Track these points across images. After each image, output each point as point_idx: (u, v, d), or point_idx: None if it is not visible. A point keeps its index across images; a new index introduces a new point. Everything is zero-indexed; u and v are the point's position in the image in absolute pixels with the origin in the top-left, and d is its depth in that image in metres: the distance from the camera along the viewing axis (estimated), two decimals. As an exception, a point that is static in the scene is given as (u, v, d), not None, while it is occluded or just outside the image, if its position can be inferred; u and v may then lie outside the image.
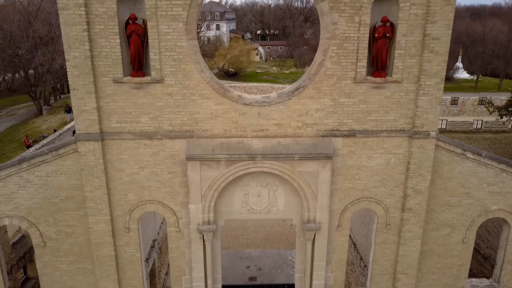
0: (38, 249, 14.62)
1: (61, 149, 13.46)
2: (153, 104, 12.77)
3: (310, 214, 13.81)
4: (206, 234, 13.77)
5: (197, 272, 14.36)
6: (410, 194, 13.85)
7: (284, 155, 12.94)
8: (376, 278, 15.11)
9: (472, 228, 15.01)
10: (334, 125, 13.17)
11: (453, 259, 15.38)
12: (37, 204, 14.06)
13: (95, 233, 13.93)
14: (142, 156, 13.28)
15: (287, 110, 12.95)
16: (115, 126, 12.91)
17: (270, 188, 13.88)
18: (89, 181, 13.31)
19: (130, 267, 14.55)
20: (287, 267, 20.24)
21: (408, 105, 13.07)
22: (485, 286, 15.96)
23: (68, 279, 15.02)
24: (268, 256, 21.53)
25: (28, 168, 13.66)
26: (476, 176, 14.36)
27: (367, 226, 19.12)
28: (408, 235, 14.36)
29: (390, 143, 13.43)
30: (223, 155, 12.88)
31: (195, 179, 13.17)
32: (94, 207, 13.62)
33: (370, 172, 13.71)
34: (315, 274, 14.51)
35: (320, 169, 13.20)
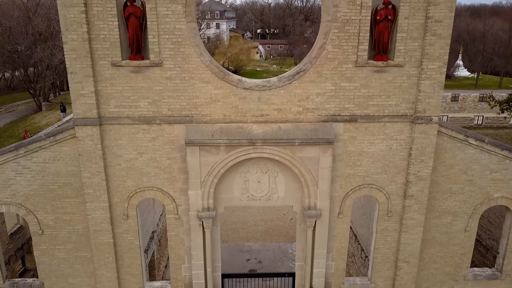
0: (36, 237, 14.45)
1: (58, 134, 13.29)
2: (151, 88, 12.60)
3: (310, 201, 13.64)
4: (206, 221, 13.60)
5: (196, 260, 14.19)
6: (412, 181, 13.68)
7: (285, 140, 12.77)
8: (378, 267, 14.94)
9: (474, 216, 14.84)
10: (335, 110, 13.00)
11: (455, 248, 15.21)
12: (34, 191, 13.89)
13: (93, 220, 13.76)
14: (141, 142, 13.11)
15: (287, 95, 12.78)
16: (113, 110, 12.75)
17: (271, 175, 13.71)
18: (87, 166, 13.15)
19: (129, 255, 14.38)
20: (287, 260, 20.07)
21: (410, 90, 12.90)
22: (487, 275, 15.80)
23: (66, 268, 14.85)
24: (268, 249, 21.36)
25: (26, 154, 13.49)
26: (478, 163, 14.19)
27: (368, 217, 18.98)
28: (410, 223, 14.19)
29: (391, 128, 13.26)
30: (223, 140, 12.71)
31: (194, 165, 13.01)
32: (92, 194, 13.45)
33: (372, 158, 13.54)
34: (316, 262, 14.34)
35: (321, 155, 13.04)
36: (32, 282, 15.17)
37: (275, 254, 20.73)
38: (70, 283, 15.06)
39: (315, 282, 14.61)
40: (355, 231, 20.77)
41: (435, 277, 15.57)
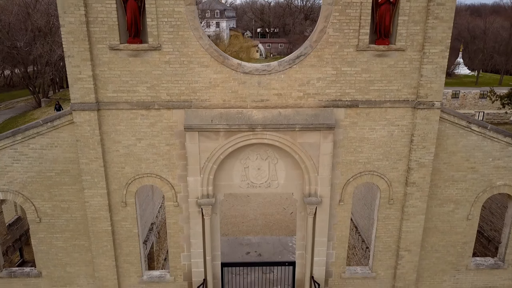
0: (33, 225, 14.29)
1: (56, 120, 13.13)
2: (150, 73, 12.44)
3: (311, 188, 13.48)
4: (205, 207, 13.44)
5: (195, 248, 14.03)
6: (414, 168, 13.53)
7: (285, 125, 12.61)
8: (379, 256, 14.78)
9: (476, 204, 14.68)
10: (336, 95, 12.84)
11: (457, 237, 15.05)
12: (32, 178, 13.73)
13: (91, 207, 13.60)
14: (139, 127, 12.95)
15: (288, 79, 12.62)
16: (111, 95, 12.59)
17: (271, 161, 13.55)
18: (85, 152, 12.99)
19: (127, 243, 14.22)
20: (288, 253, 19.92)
21: (412, 74, 12.74)
22: (489, 264, 15.63)
23: (64, 256, 14.69)
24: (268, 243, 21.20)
25: (23, 141, 13.33)
26: (481, 150, 14.03)
27: (369, 207, 18.84)
28: (412, 210, 14.03)
29: (393, 114, 13.10)
30: (222, 125, 12.55)
31: (193, 151, 12.85)
32: (90, 180, 13.29)
33: (373, 144, 13.38)
34: (317, 250, 14.18)
35: (321, 141, 12.88)
36: (29, 271, 15.02)
37: (275, 247, 20.58)
38: (68, 272, 14.90)
39: (316, 271, 14.45)
40: (356, 223, 20.62)
41: (436, 266, 15.41)
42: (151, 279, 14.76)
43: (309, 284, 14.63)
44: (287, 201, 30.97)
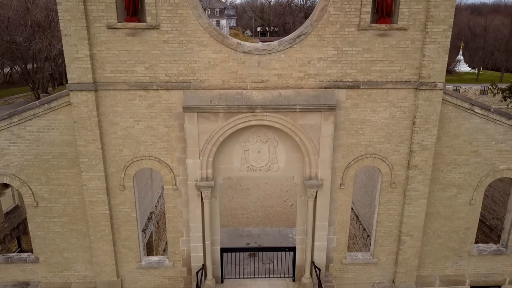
0: (30, 210, 14.11)
1: (53, 102, 12.95)
2: (148, 53, 12.25)
3: (311, 171, 13.29)
4: (205, 190, 13.25)
5: (194, 232, 13.84)
6: (416, 150, 13.33)
7: (285, 106, 12.42)
8: (380, 241, 14.59)
9: (479, 189, 14.48)
10: (338, 76, 12.65)
11: (459, 222, 14.86)
12: (28, 161, 13.55)
13: (88, 191, 13.41)
14: (138, 109, 12.76)
15: (288, 59, 12.43)
16: (109, 76, 12.40)
17: (271, 144, 13.36)
18: (82, 134, 12.80)
19: (126, 228, 14.03)
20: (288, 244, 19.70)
21: (414, 55, 12.54)
22: (492, 250, 15.44)
23: (61, 242, 14.51)
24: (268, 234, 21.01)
25: (19, 123, 13.15)
26: (484, 133, 13.84)
27: (370, 195, 18.64)
28: (414, 194, 13.83)
29: (395, 95, 12.91)
30: (222, 106, 12.36)
31: (192, 132, 12.66)
32: (87, 163, 13.10)
33: (375, 126, 13.19)
34: (317, 234, 13.99)
35: (322, 122, 12.69)
36: (26, 257, 14.82)
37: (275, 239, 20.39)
38: (66, 257, 14.71)
39: (316, 256, 14.26)
40: (357, 212, 20.44)
41: (439, 252, 15.21)
42: (150, 265, 14.57)
43: (309, 269, 14.44)
44: (287, 193, 30.79)
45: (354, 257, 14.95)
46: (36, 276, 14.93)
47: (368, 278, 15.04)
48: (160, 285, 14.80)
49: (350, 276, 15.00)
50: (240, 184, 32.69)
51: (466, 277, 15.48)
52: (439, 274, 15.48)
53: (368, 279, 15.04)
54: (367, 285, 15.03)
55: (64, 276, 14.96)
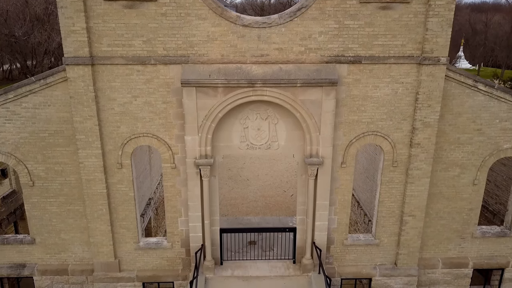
0: (26, 189, 13.88)
1: (49, 77, 12.72)
2: (146, 26, 12.01)
3: (312, 148, 13.05)
4: (204, 168, 13.02)
5: (193, 212, 13.60)
6: (419, 128, 13.10)
7: (286, 80, 12.18)
8: (382, 222, 14.35)
9: (483, 169, 14.25)
10: (339, 50, 12.41)
11: (462, 203, 14.62)
12: (24, 139, 13.32)
13: (85, 169, 13.18)
14: (135, 84, 12.53)
15: (289, 33, 12.19)
16: (106, 50, 12.16)
17: (271, 121, 13.13)
18: (79, 110, 12.57)
19: (123, 207, 13.80)
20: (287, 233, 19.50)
21: (417, 29, 12.30)
22: (495, 232, 15.21)
23: (58, 222, 14.27)
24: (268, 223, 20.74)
25: (15, 99, 12.92)
26: (487, 111, 13.61)
27: (371, 180, 18.40)
28: (416, 173, 13.60)
29: (397, 70, 12.67)
30: (221, 80, 12.12)
31: (191, 108, 12.42)
32: (84, 140, 12.87)
33: (377, 103, 12.96)
34: (318, 214, 13.75)
35: (323, 97, 12.45)
36: (23, 238, 14.59)
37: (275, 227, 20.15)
38: (63, 239, 14.48)
39: (317, 236, 14.02)
40: (358, 198, 20.19)
41: (441, 234, 14.98)
42: (148, 246, 14.34)
43: (310, 250, 14.20)
44: (288, 184, 30.57)
45: (356, 238, 14.72)
46: (32, 257, 14.70)
47: (369, 260, 14.81)
48: (159, 266, 14.57)
49: (351, 258, 14.77)
50: (240, 175, 32.45)
51: (469, 259, 15.25)
52: (442, 257, 15.25)
53: (369, 260, 14.80)
54: (368, 267, 14.79)
55: (61, 258, 14.73)
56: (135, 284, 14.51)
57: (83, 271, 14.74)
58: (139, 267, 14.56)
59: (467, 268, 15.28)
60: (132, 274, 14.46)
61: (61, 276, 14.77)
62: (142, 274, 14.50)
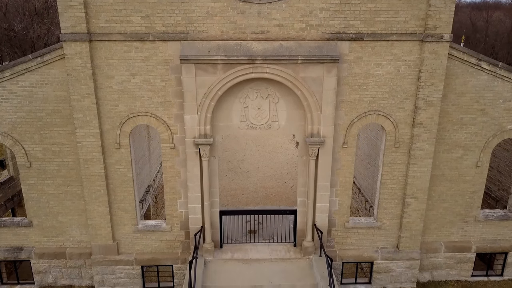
0: (23, 170, 13.69)
1: (46, 55, 12.53)
2: (144, 1, 11.80)
3: (313, 127, 12.86)
4: (203, 148, 12.82)
5: (193, 193, 13.41)
6: (421, 107, 12.90)
7: (287, 57, 11.98)
8: (384, 204, 14.16)
9: (486, 150, 14.05)
10: (340, 27, 12.20)
11: (465, 185, 14.42)
12: (21, 118, 13.13)
13: (83, 148, 12.98)
14: (133, 61, 12.33)
15: (289, 9, 11.98)
16: (103, 26, 11.95)
17: (271, 100, 12.94)
18: (76, 88, 12.37)
19: (122, 189, 13.60)
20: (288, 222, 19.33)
21: (420, 5, 12.09)
22: (499, 215, 15.02)
23: (55, 205, 14.08)
24: None
25: (11, 77, 12.73)
26: (491, 91, 13.41)
27: (372, 165, 18.20)
28: (419, 154, 13.40)
29: (400, 48, 12.47)
30: (220, 56, 11.93)
31: (190, 85, 12.23)
32: (82, 119, 12.67)
33: (379, 81, 12.76)
34: (319, 195, 13.56)
35: (325, 75, 12.25)
36: (20, 220, 14.40)
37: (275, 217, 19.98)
38: (60, 221, 14.29)
39: (318, 218, 13.83)
40: (359, 185, 19.99)
41: (444, 217, 14.78)
42: (147, 228, 14.14)
43: (311, 233, 14.01)
44: (288, 175, 30.35)
45: (357, 221, 14.53)
46: (29, 241, 14.52)
47: (371, 243, 14.61)
48: (157, 249, 14.38)
49: (352, 241, 14.58)
50: (240, 167, 32.24)
51: (472, 243, 15.05)
52: (444, 240, 15.05)
53: (371, 244, 14.61)
54: (370, 250, 14.60)
55: (58, 241, 14.55)
56: (134, 267, 14.32)
57: (81, 254, 14.55)
58: (137, 250, 14.37)
59: (470, 252, 15.08)
60: (131, 257, 14.27)
61: (59, 259, 14.59)
62: (141, 257, 14.31)
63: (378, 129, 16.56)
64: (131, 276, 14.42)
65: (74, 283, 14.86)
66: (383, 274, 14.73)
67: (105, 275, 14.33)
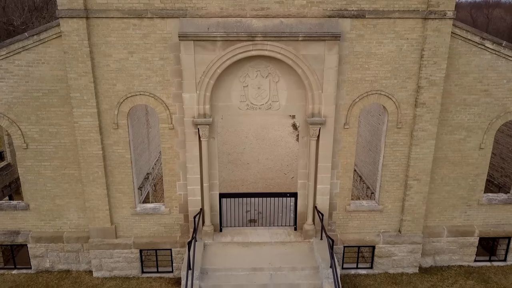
0: (20, 152, 13.48)
1: (42, 33, 12.32)
2: (142, -23, 11.62)
3: (314, 107, 12.65)
4: (202, 128, 12.62)
5: (192, 174, 13.21)
6: (424, 86, 12.70)
7: (287, 34, 11.78)
8: (386, 186, 13.95)
9: (490, 132, 13.84)
10: (342, 4, 12.00)
11: (468, 168, 14.21)
12: (17, 98, 12.93)
13: (80, 129, 12.78)
14: (131, 39, 12.12)
15: (290, -15, 11.79)
16: (101, 2, 11.75)
17: (272, 79, 12.73)
18: (73, 66, 12.17)
19: (120, 170, 13.39)
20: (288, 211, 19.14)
21: (423, -19, 11.90)
22: (502, 199, 14.81)
23: (52, 187, 13.88)
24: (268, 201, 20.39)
25: (7, 56, 12.52)
26: (495, 71, 13.20)
27: (374, 151, 17.98)
28: (421, 135, 13.20)
29: (402, 26, 12.26)
30: (220, 33, 11.72)
31: (188, 63, 12.03)
32: (79, 98, 12.47)
33: (380, 60, 12.55)
34: (320, 177, 13.35)
35: (326, 53, 12.05)
36: (16, 204, 14.20)
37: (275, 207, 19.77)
38: (57, 204, 14.09)
39: (319, 201, 13.63)
40: (360, 172, 19.77)
41: (447, 201, 14.58)
42: (145, 211, 13.94)
43: (312, 215, 13.81)
44: (288, 167, 30.15)
45: (359, 204, 14.32)
46: (26, 224, 14.32)
47: (373, 227, 14.41)
48: (156, 233, 14.18)
49: (354, 225, 14.38)
50: (240, 159, 32.04)
51: (475, 227, 14.85)
52: (447, 225, 14.85)
53: (373, 227, 14.41)
54: (372, 234, 14.40)
55: (55, 225, 14.34)
56: (132, 251, 14.12)
57: (78, 238, 14.35)
58: (136, 234, 14.17)
59: (473, 236, 14.88)
60: (129, 240, 14.07)
61: (56, 243, 14.39)
62: (139, 241, 14.11)
63: (379, 113, 16.36)
64: (129, 260, 14.22)
65: (71, 267, 14.65)
66: (384, 258, 14.53)
67: (103, 259, 14.13)
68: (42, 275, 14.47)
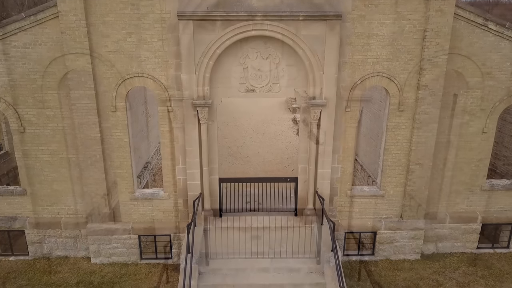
0: (17, 135, 13.30)
1: (39, 13, 12.15)
2: (141, -45, 11.45)
3: (315, 89, 12.48)
4: (201, 110, 12.45)
5: (191, 158, 13.03)
6: (426, 68, 12.52)
7: (288, 13, 11.61)
8: (388, 171, 13.77)
9: (492, 116, 13.66)
10: (343, -17, 11.83)
11: (471, 153, 14.03)
12: (14, 81, 12.74)
13: (78, 111, 12.60)
14: (130, 19, 11.95)
15: (290, -36, 11.61)
16: (99, -19, 11.59)
17: (272, 61, 12.56)
18: (71, 47, 11.99)
19: (118, 154, 13.22)
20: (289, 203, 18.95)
21: (425, -40, 11.74)
22: (505, 185, 14.63)
23: (50, 172, 13.69)
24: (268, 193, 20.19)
25: (4, 37, 12.33)
26: (498, 53, 13.03)
27: (375, 139, 17.81)
28: (424, 118, 13.02)
29: (404, 6, 12.09)
30: (219, 12, 11.55)
31: (187, 43, 11.85)
32: (76, 79, 12.29)
33: (382, 41, 12.38)
34: (321, 161, 13.18)
35: (327, 32, 11.88)
36: (13, 189, 14.01)
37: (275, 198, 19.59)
38: (55, 189, 13.90)
39: (320, 184, 13.46)
40: (361, 162, 19.60)
41: (449, 186, 14.40)
42: (144, 196, 13.77)
43: (312, 200, 13.64)
44: (288, 160, 29.96)
45: (360, 189, 14.15)
46: (23, 210, 14.13)
47: (374, 213, 14.23)
48: (155, 218, 14.00)
49: (355, 211, 14.20)
50: (240, 152, 31.85)
51: (477, 213, 14.67)
52: (450, 211, 14.67)
53: (374, 213, 14.23)
54: (373, 220, 14.22)
55: (53, 211, 14.16)
56: (131, 236, 13.95)
57: (76, 224, 14.17)
58: (134, 219, 13.99)
59: (476, 222, 14.70)
60: (128, 226, 13.90)
61: (54, 229, 14.21)
62: (138, 226, 13.94)
63: (381, 100, 16.19)
64: (128, 246, 14.04)
65: (69, 254, 14.48)
66: (386, 244, 14.35)
67: (101, 245, 13.95)
68: (40, 261, 14.29)
